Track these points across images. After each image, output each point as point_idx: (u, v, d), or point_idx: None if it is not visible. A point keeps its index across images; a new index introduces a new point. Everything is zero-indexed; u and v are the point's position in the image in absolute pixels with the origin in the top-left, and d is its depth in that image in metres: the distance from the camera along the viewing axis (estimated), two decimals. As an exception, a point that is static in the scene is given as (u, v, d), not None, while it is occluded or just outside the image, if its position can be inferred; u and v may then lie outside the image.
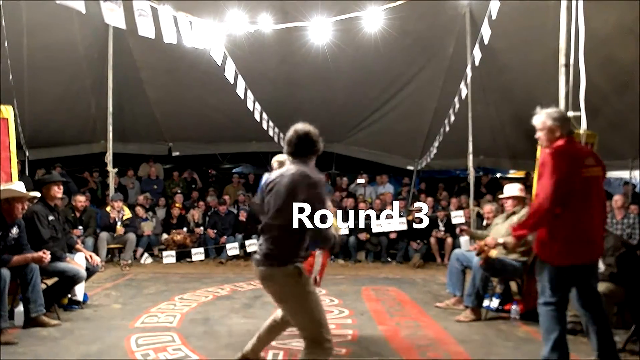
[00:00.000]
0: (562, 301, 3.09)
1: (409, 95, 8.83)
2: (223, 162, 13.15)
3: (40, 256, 4.16)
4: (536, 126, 3.21)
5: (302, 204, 2.52)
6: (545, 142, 3.17)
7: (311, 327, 2.64)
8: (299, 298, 2.63)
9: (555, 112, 3.17)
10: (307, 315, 2.64)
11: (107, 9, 3.99)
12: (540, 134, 3.19)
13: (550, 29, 5.05)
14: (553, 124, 3.11)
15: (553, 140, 3.12)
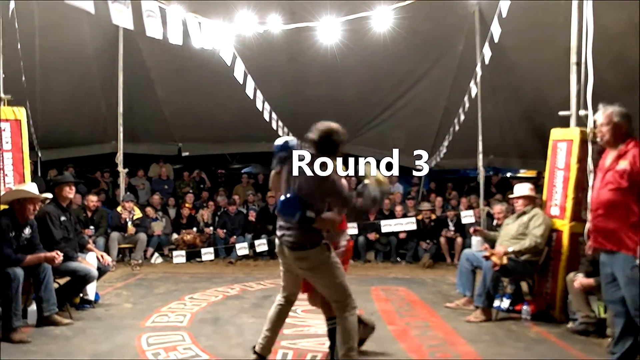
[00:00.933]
0: None
1: (418, 94, 8.79)
2: (232, 162, 13.19)
3: (53, 256, 4.21)
4: (598, 121, 3.19)
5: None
6: (609, 138, 3.14)
7: (343, 293, 3.11)
8: (332, 268, 3.08)
9: (621, 109, 3.17)
10: (339, 282, 3.10)
11: (116, 10, 4.02)
12: (604, 129, 3.16)
13: (561, 27, 5.01)
14: (621, 120, 3.12)
15: (618, 137, 3.11)
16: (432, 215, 8.42)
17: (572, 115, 4.46)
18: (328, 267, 3.08)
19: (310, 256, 3.08)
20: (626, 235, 2.97)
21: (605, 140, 3.17)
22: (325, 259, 3.08)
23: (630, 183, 2.97)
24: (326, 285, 3.15)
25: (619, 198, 3.02)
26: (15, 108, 4.69)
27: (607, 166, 3.15)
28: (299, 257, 3.12)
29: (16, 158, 4.63)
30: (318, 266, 3.10)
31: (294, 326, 4.36)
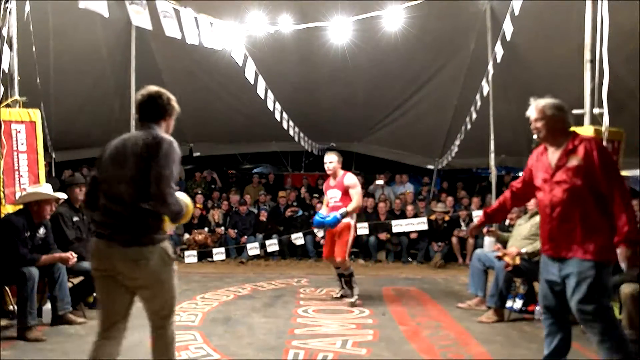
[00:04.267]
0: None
1: (429, 93, 8.75)
2: (243, 162, 13.26)
3: (67, 256, 4.27)
4: (531, 116, 2.94)
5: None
6: (546, 133, 2.88)
7: (173, 302, 2.59)
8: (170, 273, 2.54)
9: (555, 101, 2.90)
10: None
11: (134, 12, 4.07)
12: (539, 124, 2.90)
13: (574, 25, 4.95)
14: (556, 114, 2.85)
15: (556, 131, 2.85)
16: (446, 217, 8.38)
17: (586, 113, 4.40)
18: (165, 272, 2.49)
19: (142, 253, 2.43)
20: (581, 239, 2.71)
21: (542, 136, 2.91)
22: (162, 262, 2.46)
23: (585, 180, 2.70)
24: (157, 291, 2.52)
25: (574, 197, 2.74)
26: (30, 110, 4.76)
27: (555, 164, 2.84)
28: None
29: (31, 159, 4.70)
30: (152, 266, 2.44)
31: (305, 326, 4.37)
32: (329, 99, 9.11)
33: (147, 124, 2.53)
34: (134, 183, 2.36)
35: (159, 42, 7.41)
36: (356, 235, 5.30)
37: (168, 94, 2.61)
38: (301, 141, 9.33)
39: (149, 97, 2.56)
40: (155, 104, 2.55)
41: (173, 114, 2.63)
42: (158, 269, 2.45)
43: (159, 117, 2.56)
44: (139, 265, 2.39)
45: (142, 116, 2.57)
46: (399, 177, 10.58)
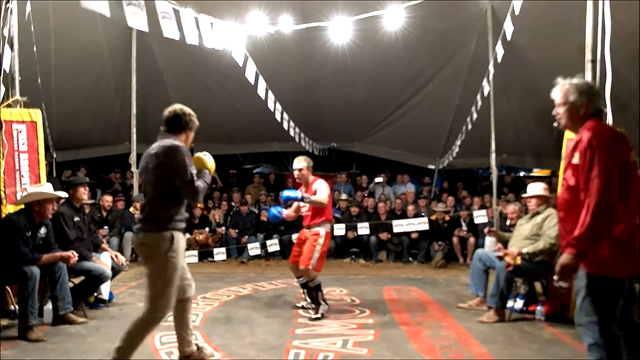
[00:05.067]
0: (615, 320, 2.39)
1: (430, 93, 8.76)
2: (244, 162, 13.25)
3: (68, 255, 4.28)
4: (555, 100, 2.59)
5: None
6: (566, 121, 2.55)
7: (159, 297, 3.00)
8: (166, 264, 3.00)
9: (582, 83, 2.55)
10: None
11: (130, 12, 4.06)
12: (560, 110, 2.56)
13: (575, 25, 4.95)
14: (579, 99, 2.50)
15: (577, 119, 2.50)
16: (447, 217, 8.38)
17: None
18: (159, 261, 2.95)
19: (143, 241, 3.00)
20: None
21: (562, 124, 2.57)
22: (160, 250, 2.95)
23: (581, 179, 2.36)
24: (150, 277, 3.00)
25: (570, 197, 2.45)
26: (31, 110, 4.77)
27: (566, 157, 2.55)
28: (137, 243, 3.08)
29: (32, 159, 4.71)
30: (148, 256, 3.00)
31: (306, 326, 4.37)
32: (330, 99, 9.11)
33: (168, 134, 3.14)
34: (151, 185, 3.02)
35: (160, 43, 7.41)
36: (326, 250, 4.75)
37: (190, 111, 3.26)
38: (302, 141, 9.33)
39: (175, 114, 3.19)
40: (179, 119, 3.19)
41: (193, 127, 3.27)
42: (146, 256, 3.02)
43: (181, 130, 3.19)
44: (140, 248, 3.07)
45: (167, 128, 3.17)
46: (400, 177, 10.58)
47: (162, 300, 2.97)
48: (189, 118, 3.22)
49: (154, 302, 2.97)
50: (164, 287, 2.96)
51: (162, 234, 2.95)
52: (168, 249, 2.95)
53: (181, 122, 3.17)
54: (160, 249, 2.94)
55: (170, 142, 3.02)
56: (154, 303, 2.97)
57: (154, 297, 2.97)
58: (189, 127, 3.22)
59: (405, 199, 9.23)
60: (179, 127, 3.17)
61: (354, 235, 8.28)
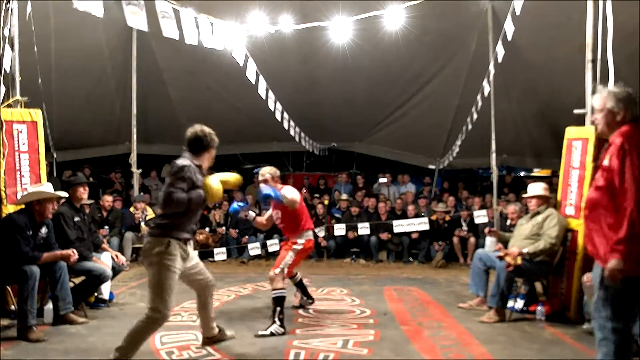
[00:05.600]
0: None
1: (430, 93, 8.75)
2: (244, 162, 13.25)
3: (68, 253, 4.28)
4: (594, 106, 2.71)
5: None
6: (603, 127, 2.65)
7: (158, 301, 3.18)
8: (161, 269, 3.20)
9: (621, 91, 2.63)
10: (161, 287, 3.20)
11: (130, 12, 4.06)
12: (597, 117, 2.67)
13: (576, 24, 4.95)
14: (616, 106, 2.59)
15: (613, 125, 2.60)
16: (447, 217, 8.38)
17: (588, 113, 4.40)
18: (155, 264, 3.17)
19: (144, 246, 3.26)
20: (598, 242, 2.55)
21: (599, 130, 2.70)
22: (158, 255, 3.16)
23: (608, 182, 2.51)
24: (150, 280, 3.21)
25: (598, 198, 2.57)
26: (31, 110, 4.76)
27: (600, 160, 2.69)
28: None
29: (32, 159, 4.70)
30: (147, 258, 3.22)
31: (306, 326, 4.38)
32: (330, 98, 9.11)
33: (191, 154, 3.35)
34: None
35: (160, 42, 7.41)
36: (301, 258, 4.58)
37: (210, 131, 3.42)
38: (302, 141, 9.33)
39: (195, 136, 3.37)
40: (200, 141, 3.37)
41: (214, 145, 3.44)
42: (146, 259, 3.23)
43: (202, 150, 3.38)
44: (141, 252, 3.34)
45: (189, 149, 3.37)
46: (400, 177, 10.58)
47: (160, 299, 3.13)
48: (210, 138, 3.39)
49: (154, 302, 3.14)
50: (161, 287, 3.14)
51: (160, 239, 3.19)
52: (163, 252, 3.16)
53: (202, 143, 3.36)
54: (154, 252, 3.16)
55: (181, 160, 3.24)
56: (154, 303, 3.13)
57: (154, 297, 3.15)
58: (210, 146, 3.41)
59: (405, 199, 9.23)
60: (200, 148, 3.36)
61: (354, 235, 8.28)
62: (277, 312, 4.15)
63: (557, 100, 7.38)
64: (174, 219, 3.23)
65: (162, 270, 3.16)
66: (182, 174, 3.17)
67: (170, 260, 3.18)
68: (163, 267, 3.16)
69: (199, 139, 3.35)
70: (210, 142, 3.39)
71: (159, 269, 3.16)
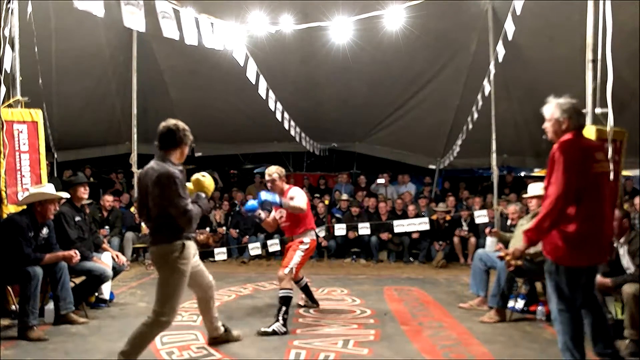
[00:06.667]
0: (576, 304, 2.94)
1: (430, 93, 8.75)
2: (245, 162, 13.26)
3: (70, 254, 4.29)
4: (545, 116, 3.05)
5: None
6: (552, 135, 3.01)
7: (165, 303, 3.11)
8: (172, 272, 3.14)
9: (565, 103, 2.98)
10: (168, 290, 3.13)
11: (128, 12, 4.05)
12: (547, 125, 3.03)
13: (576, 24, 4.94)
14: (561, 116, 2.95)
15: (560, 133, 2.96)
16: (447, 217, 8.38)
17: (588, 113, 4.39)
18: (169, 269, 3.10)
19: (155, 252, 3.16)
20: (549, 239, 2.93)
21: (549, 137, 3.04)
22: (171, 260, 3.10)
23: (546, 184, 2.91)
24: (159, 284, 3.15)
25: (543, 198, 2.98)
26: (32, 110, 4.77)
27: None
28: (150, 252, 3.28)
29: (33, 159, 4.71)
30: (160, 264, 3.15)
31: (307, 326, 4.38)
32: (331, 99, 9.11)
33: (163, 152, 3.15)
34: (155, 206, 3.08)
35: (161, 43, 7.42)
36: (307, 257, 4.57)
37: (184, 126, 3.21)
38: (302, 141, 9.33)
39: (168, 129, 3.16)
40: (173, 135, 3.15)
41: (188, 142, 3.24)
42: (158, 264, 3.18)
43: (175, 146, 3.17)
44: (152, 257, 3.27)
45: (160, 145, 3.16)
46: (400, 177, 10.58)
47: (169, 304, 3.08)
48: (183, 133, 3.19)
49: (161, 306, 3.08)
50: (172, 292, 3.09)
51: (174, 244, 3.11)
52: (178, 257, 3.10)
53: (175, 138, 3.16)
54: (170, 258, 3.09)
55: (166, 169, 3.03)
56: (162, 307, 3.08)
57: (162, 302, 3.08)
58: (183, 143, 3.21)
59: (404, 200, 9.23)
60: (172, 143, 3.16)
61: (354, 235, 8.28)
62: (282, 312, 4.16)
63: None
64: (167, 227, 3.14)
65: (175, 275, 3.10)
66: (176, 182, 3.01)
67: (185, 265, 3.14)
68: (177, 272, 3.10)
69: (172, 133, 3.15)
70: (183, 138, 3.19)
71: (173, 274, 3.10)
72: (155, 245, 3.16)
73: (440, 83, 8.46)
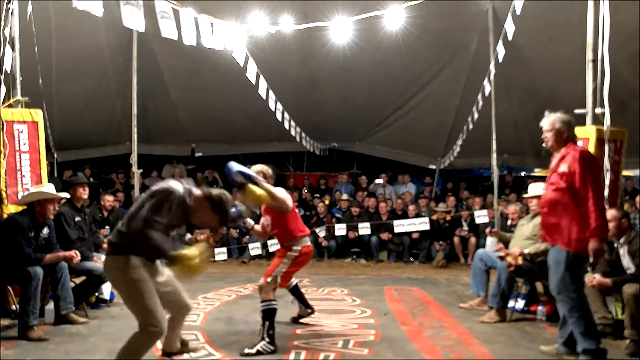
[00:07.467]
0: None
1: (431, 93, 8.75)
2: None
3: (71, 255, 4.29)
4: (544, 127, 3.49)
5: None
6: (552, 143, 3.46)
7: (143, 314, 2.81)
8: (128, 285, 2.84)
9: (564, 115, 3.46)
10: (136, 301, 2.83)
11: (127, 12, 4.05)
12: (548, 135, 3.47)
13: (576, 24, 4.94)
14: (562, 127, 3.41)
15: (561, 142, 3.43)
16: (447, 217, 8.38)
17: (588, 113, 4.40)
18: (123, 281, 2.82)
19: (106, 264, 2.91)
20: (562, 232, 3.32)
21: (549, 145, 3.49)
22: (120, 272, 2.80)
23: (568, 184, 3.29)
24: (124, 299, 2.90)
25: (558, 197, 3.35)
26: (32, 110, 4.77)
27: (552, 168, 3.48)
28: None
29: (33, 159, 4.71)
30: (112, 277, 2.97)
31: (307, 325, 4.37)
32: (331, 99, 9.10)
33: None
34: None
35: (161, 43, 7.41)
36: (299, 267, 4.05)
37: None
38: (303, 141, 9.33)
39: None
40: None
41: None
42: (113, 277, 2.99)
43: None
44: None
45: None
46: (400, 177, 10.57)
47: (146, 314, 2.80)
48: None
49: (141, 319, 2.82)
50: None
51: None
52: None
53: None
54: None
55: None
56: (142, 320, 2.81)
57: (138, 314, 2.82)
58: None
59: (404, 200, 9.23)
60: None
61: (355, 235, 8.28)
62: (267, 327, 3.69)
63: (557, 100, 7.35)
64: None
65: (131, 290, 2.83)
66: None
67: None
68: (131, 286, 2.83)
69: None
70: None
71: (127, 290, 2.87)
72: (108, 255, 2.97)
73: (440, 83, 8.46)
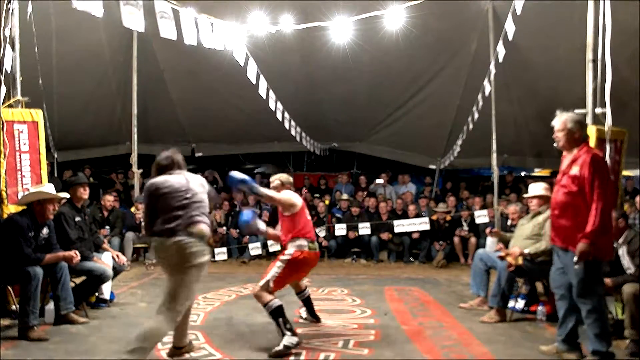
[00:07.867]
0: None
1: (431, 93, 8.75)
2: (245, 162, 13.26)
3: (71, 255, 4.29)
4: (555, 127, 3.42)
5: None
6: (563, 143, 3.39)
7: (174, 298, 3.26)
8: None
9: (575, 115, 3.42)
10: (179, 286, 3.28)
11: (127, 12, 4.05)
12: (559, 135, 3.40)
13: (577, 24, 4.94)
14: (574, 127, 3.34)
15: (573, 142, 3.36)
16: (448, 217, 8.38)
17: (588, 113, 4.40)
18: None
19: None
20: (573, 235, 3.25)
21: (560, 145, 3.43)
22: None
23: (579, 188, 3.25)
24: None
25: (569, 200, 3.31)
26: (32, 110, 4.77)
27: (564, 169, 3.41)
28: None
29: (33, 159, 4.71)
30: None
31: (307, 325, 4.38)
32: (331, 98, 9.11)
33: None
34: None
35: (161, 43, 7.41)
36: (292, 272, 3.94)
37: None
38: (303, 141, 9.33)
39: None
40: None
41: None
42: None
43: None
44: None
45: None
46: (401, 177, 10.58)
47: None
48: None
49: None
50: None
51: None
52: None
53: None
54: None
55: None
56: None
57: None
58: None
59: (405, 200, 9.23)
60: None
61: (355, 235, 8.28)
62: (282, 324, 3.69)
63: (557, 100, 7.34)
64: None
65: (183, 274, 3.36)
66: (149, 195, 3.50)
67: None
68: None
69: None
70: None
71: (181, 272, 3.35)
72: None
73: (440, 83, 8.46)
